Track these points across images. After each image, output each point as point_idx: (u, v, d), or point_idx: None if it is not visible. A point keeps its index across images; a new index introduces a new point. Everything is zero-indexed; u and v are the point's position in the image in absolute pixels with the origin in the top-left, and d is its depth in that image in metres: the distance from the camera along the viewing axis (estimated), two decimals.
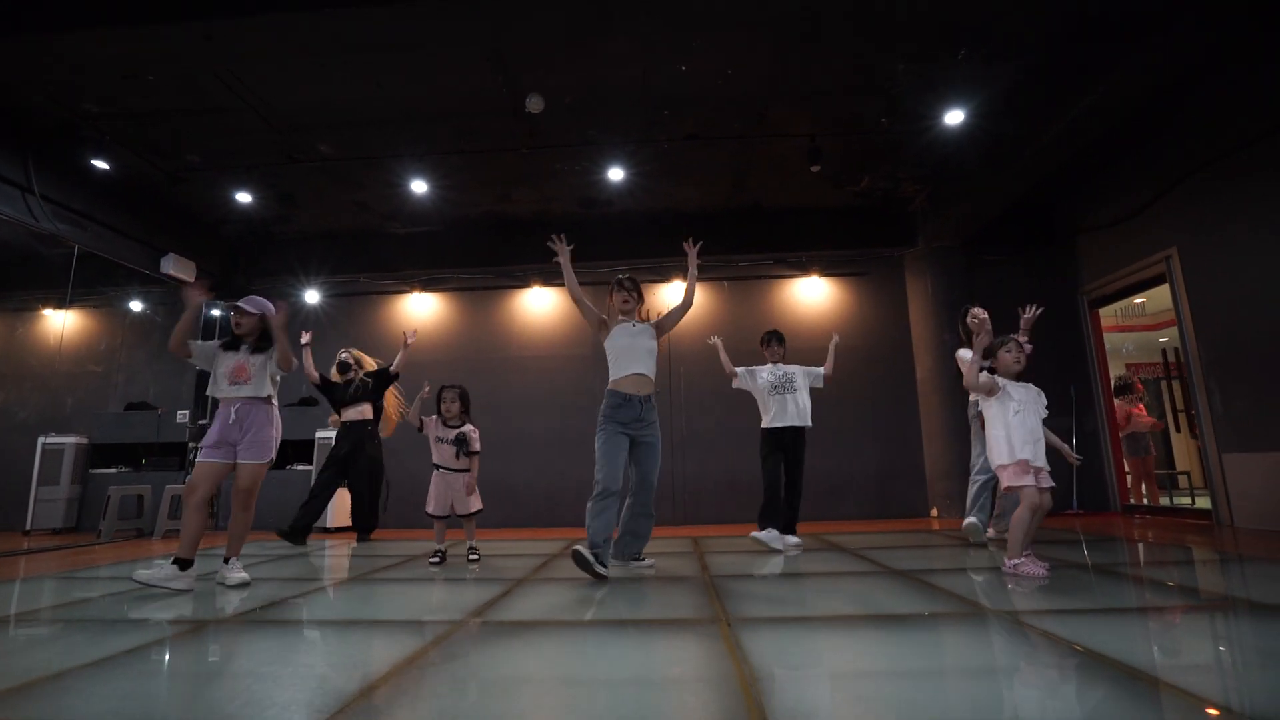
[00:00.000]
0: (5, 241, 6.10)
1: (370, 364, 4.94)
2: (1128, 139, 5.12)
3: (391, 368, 4.84)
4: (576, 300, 3.10)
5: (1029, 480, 2.65)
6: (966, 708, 1.25)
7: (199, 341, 2.96)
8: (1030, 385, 2.81)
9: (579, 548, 2.70)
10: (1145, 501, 5.86)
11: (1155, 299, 7.04)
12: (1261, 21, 3.44)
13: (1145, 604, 2.18)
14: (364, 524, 4.84)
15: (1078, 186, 5.93)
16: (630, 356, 2.95)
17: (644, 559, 3.11)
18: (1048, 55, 4.14)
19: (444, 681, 1.48)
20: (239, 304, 2.99)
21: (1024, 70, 4.32)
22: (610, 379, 3.00)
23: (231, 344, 2.97)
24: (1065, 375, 6.13)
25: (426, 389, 3.56)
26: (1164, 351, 6.43)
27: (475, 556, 3.51)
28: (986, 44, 4.05)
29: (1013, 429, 2.68)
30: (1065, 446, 2.86)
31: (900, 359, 6.44)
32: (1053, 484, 2.70)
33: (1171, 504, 5.88)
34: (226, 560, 2.83)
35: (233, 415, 2.83)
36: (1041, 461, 2.67)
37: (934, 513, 5.98)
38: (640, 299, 3.15)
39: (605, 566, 2.73)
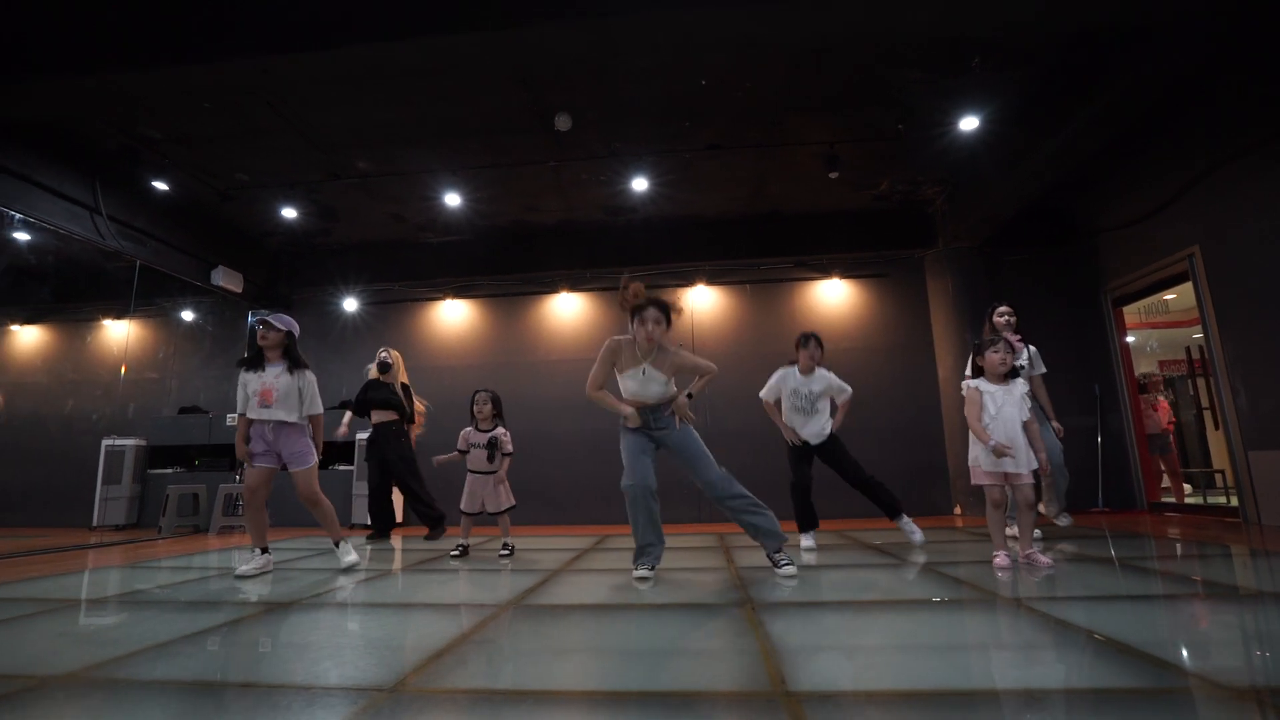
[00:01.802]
0: (75, 259, 6.54)
1: (403, 371, 5.14)
2: (1145, 137, 5.13)
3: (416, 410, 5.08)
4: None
5: (997, 480, 2.82)
6: (964, 675, 1.41)
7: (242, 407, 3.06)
8: (1018, 384, 2.88)
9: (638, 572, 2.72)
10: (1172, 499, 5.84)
11: (1183, 296, 6.97)
12: (1274, 24, 3.47)
13: (1150, 592, 2.28)
14: (380, 524, 4.91)
15: (1097, 185, 5.94)
16: (637, 397, 2.88)
17: (782, 561, 2.81)
18: (1059, 60, 4.21)
19: (494, 651, 1.68)
20: (267, 318, 3.04)
21: (1037, 76, 4.39)
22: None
23: (254, 362, 3.04)
24: (1090, 374, 6.13)
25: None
26: (1187, 349, 6.38)
27: (507, 552, 3.61)
28: (998, 52, 4.14)
29: (991, 430, 2.81)
30: (1042, 455, 2.86)
31: (922, 359, 6.50)
32: (1031, 480, 2.81)
33: (1205, 501, 5.83)
34: (336, 544, 3.26)
35: (268, 433, 3.03)
36: (1016, 463, 2.77)
37: (958, 510, 6.03)
38: (668, 326, 2.78)
39: (650, 569, 2.75)
